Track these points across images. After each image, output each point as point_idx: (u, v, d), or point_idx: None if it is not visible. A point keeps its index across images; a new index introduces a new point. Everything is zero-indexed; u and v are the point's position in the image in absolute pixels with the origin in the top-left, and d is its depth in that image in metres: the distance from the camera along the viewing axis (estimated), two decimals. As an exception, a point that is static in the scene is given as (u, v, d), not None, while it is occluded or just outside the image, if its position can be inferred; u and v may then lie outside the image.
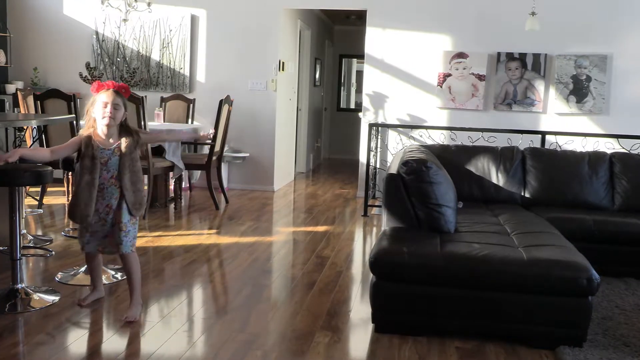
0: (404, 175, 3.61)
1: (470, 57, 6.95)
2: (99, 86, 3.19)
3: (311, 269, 4.36)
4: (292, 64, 8.18)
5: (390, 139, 7.13)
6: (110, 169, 3.22)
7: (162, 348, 2.95)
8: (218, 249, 4.82)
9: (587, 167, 4.88)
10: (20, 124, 3.85)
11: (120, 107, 3.19)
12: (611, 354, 2.98)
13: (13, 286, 3.45)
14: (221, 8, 7.37)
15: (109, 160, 3.21)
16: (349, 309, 3.62)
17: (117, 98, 3.17)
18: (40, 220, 5.54)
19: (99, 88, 3.18)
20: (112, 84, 3.20)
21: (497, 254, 3.16)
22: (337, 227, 5.74)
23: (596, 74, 6.76)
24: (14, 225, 3.43)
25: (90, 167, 3.17)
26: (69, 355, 2.88)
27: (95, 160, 3.17)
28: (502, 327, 3.14)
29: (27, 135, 6.02)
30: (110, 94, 3.15)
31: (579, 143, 6.28)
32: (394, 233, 3.51)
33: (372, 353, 3.05)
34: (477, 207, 4.50)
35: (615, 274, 4.23)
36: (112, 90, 3.17)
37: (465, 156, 4.95)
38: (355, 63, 12.11)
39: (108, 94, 3.15)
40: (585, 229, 4.31)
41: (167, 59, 7.47)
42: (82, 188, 3.18)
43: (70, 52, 7.62)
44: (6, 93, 7.29)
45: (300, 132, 9.22)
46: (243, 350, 2.97)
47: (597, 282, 3.00)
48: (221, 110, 6.15)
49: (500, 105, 6.98)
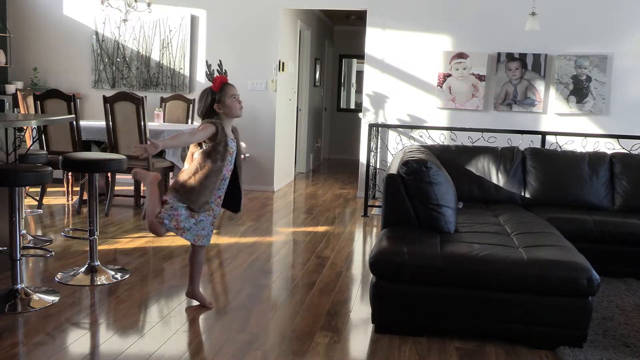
0: (404, 175, 3.61)
1: (470, 57, 6.95)
2: (221, 80, 3.30)
3: (311, 269, 4.36)
4: (292, 64, 8.18)
5: (390, 139, 7.13)
6: (232, 162, 3.31)
7: (162, 348, 2.95)
8: (218, 249, 4.82)
9: (588, 168, 4.87)
10: (20, 124, 3.85)
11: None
12: (611, 355, 2.98)
13: (13, 286, 3.45)
14: (221, 8, 7.37)
15: (234, 152, 3.31)
16: (349, 309, 3.62)
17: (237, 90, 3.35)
18: (40, 220, 5.54)
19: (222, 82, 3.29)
20: (225, 78, 3.33)
21: (497, 254, 3.16)
22: (337, 228, 5.73)
23: (596, 74, 6.76)
24: (13, 226, 3.42)
25: (223, 154, 3.23)
26: (69, 356, 2.88)
27: (228, 148, 3.25)
28: (502, 327, 3.14)
29: (27, 135, 6.02)
30: (234, 87, 3.31)
31: (579, 143, 6.29)
32: (394, 233, 3.51)
33: (372, 353, 3.05)
34: (477, 208, 4.50)
35: (616, 274, 4.23)
36: (230, 84, 3.32)
37: (465, 156, 4.95)
38: (355, 63, 12.11)
39: (233, 87, 3.30)
40: (586, 229, 4.31)
41: (167, 59, 7.47)
42: (209, 173, 3.21)
43: (70, 52, 7.63)
44: (6, 93, 7.30)
45: (300, 132, 9.22)
46: (243, 350, 2.96)
47: (597, 282, 3.00)
48: (221, 110, 6.13)
49: (500, 105, 6.97)
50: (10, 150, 4.02)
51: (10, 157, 4.02)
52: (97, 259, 3.98)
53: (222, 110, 3.26)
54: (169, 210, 3.23)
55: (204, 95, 3.30)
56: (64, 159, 4.04)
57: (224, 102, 3.26)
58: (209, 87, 3.29)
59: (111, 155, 4.65)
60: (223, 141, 3.23)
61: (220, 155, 3.22)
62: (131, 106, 5.54)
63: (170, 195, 3.26)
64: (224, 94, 3.25)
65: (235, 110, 3.28)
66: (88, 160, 4.01)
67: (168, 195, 3.27)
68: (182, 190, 3.24)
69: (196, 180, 3.22)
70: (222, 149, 3.23)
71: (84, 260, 4.10)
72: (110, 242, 4.84)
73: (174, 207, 3.23)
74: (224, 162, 3.25)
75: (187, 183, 3.23)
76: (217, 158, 3.22)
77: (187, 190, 3.23)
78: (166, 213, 3.23)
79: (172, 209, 3.23)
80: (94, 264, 3.95)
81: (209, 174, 3.22)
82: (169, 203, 3.24)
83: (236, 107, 3.28)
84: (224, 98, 3.25)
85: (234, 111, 3.28)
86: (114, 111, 5.63)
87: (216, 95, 3.26)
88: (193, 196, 3.22)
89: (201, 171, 3.22)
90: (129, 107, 5.55)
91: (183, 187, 3.24)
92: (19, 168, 3.46)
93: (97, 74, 7.59)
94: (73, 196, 6.35)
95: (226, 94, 3.26)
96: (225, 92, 3.26)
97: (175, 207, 3.23)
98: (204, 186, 3.22)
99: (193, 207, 3.23)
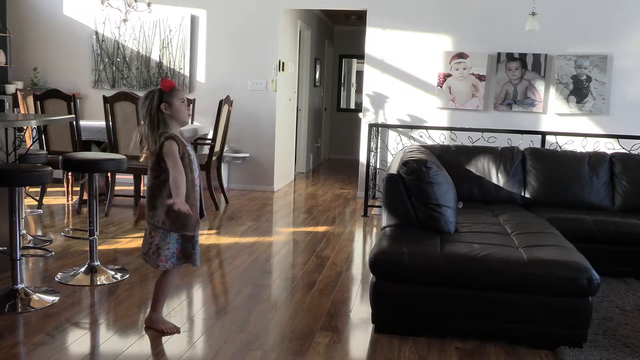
0: (404, 175, 3.61)
1: (470, 57, 6.94)
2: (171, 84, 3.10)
3: (311, 269, 4.36)
4: (292, 64, 8.18)
5: (390, 139, 7.13)
6: (197, 168, 3.16)
7: (162, 348, 2.95)
8: (218, 249, 4.82)
9: (588, 168, 4.87)
10: (20, 124, 3.85)
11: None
12: (611, 355, 2.98)
13: (13, 286, 3.45)
14: (221, 8, 7.37)
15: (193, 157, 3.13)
16: (349, 309, 3.62)
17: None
18: (40, 220, 5.54)
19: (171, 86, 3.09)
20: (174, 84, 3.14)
21: (497, 254, 3.16)
22: (337, 228, 5.73)
23: (596, 74, 6.76)
24: (13, 226, 3.42)
25: (189, 164, 3.04)
26: (69, 356, 2.88)
27: (192, 157, 3.08)
28: (502, 327, 3.14)
29: (27, 135, 6.02)
30: (183, 93, 3.12)
31: (579, 143, 6.28)
32: (394, 233, 3.51)
33: (372, 353, 3.05)
34: (477, 208, 4.50)
35: (616, 274, 4.23)
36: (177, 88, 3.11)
37: (465, 156, 4.95)
38: (355, 63, 12.11)
39: (182, 92, 3.11)
40: (586, 229, 4.31)
41: (167, 59, 7.47)
42: (188, 190, 2.98)
43: (70, 52, 7.62)
44: (6, 93, 7.30)
45: (300, 132, 9.22)
46: (243, 350, 2.96)
47: (597, 282, 3.00)
48: (221, 110, 6.14)
49: (500, 105, 6.97)
50: (10, 150, 4.02)
51: (10, 157, 4.02)
52: (97, 259, 3.98)
53: (169, 112, 3.02)
54: (162, 251, 3.00)
55: (150, 94, 3.05)
56: (64, 159, 4.04)
57: (172, 104, 3.03)
58: (157, 87, 3.09)
59: (111, 155, 4.65)
60: (186, 152, 3.04)
61: (187, 168, 3.02)
62: (131, 106, 5.54)
63: (153, 233, 3.01)
64: (172, 95, 3.04)
65: (182, 115, 3.05)
66: (88, 160, 4.01)
67: (150, 235, 3.02)
68: (168, 220, 2.98)
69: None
70: (188, 160, 3.04)
71: (84, 260, 4.10)
72: (110, 242, 4.84)
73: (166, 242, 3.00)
74: (194, 173, 3.08)
75: (171, 210, 2.93)
76: (187, 172, 3.00)
77: (175, 217, 2.97)
78: (162, 257, 3.01)
79: (166, 248, 3.00)
80: (93, 264, 3.95)
81: (187, 192, 2.96)
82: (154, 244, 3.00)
83: (184, 112, 3.06)
84: (172, 100, 3.03)
85: (181, 115, 3.04)
86: (114, 111, 5.63)
87: (164, 96, 3.04)
88: (184, 219, 2.98)
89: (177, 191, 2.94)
90: (129, 107, 5.55)
91: (168, 217, 2.97)
92: (19, 168, 3.46)
93: (97, 74, 7.59)
94: (73, 196, 6.35)
95: (175, 96, 3.05)
96: (174, 94, 3.05)
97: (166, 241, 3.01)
98: (189, 205, 2.95)
99: (188, 232, 3.01)
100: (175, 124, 3.05)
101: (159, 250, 3.01)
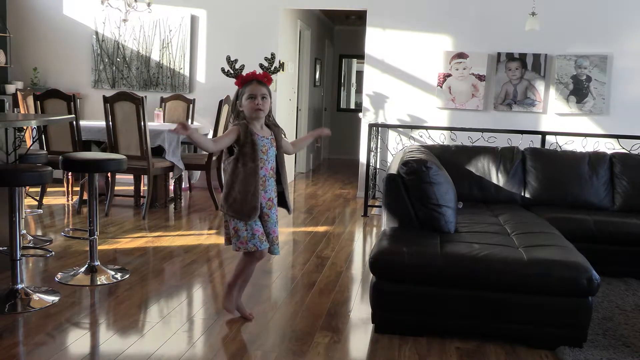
0: (404, 175, 3.61)
1: (470, 57, 6.95)
2: (243, 79, 3.10)
3: (311, 269, 4.36)
4: (292, 64, 8.18)
5: (390, 139, 7.13)
6: (270, 160, 3.12)
7: (162, 348, 2.95)
8: (218, 249, 4.82)
9: (588, 168, 4.87)
10: (20, 124, 3.85)
11: (267, 97, 3.11)
12: (611, 355, 2.98)
13: (13, 286, 3.45)
14: (221, 8, 7.37)
15: (269, 150, 3.11)
16: (349, 309, 3.62)
17: (262, 88, 3.08)
18: (40, 220, 5.54)
19: (245, 80, 3.09)
20: (254, 74, 3.10)
21: (497, 254, 3.16)
22: (337, 228, 5.73)
23: (596, 74, 6.76)
24: (13, 226, 3.42)
25: (252, 155, 3.04)
26: (69, 356, 2.88)
27: (256, 147, 3.05)
28: (502, 327, 3.13)
29: (27, 135, 6.02)
30: (256, 85, 3.06)
31: (579, 143, 6.29)
32: (394, 233, 3.51)
33: (372, 353, 3.05)
34: (477, 208, 4.50)
35: (615, 274, 4.23)
36: (256, 82, 3.08)
37: (465, 156, 4.95)
38: (355, 63, 12.11)
39: (255, 85, 3.06)
40: (586, 229, 4.30)
41: (167, 59, 7.47)
42: (245, 177, 3.04)
43: (70, 52, 7.63)
44: (6, 93, 7.30)
45: (300, 132, 9.21)
46: (243, 350, 2.96)
47: (597, 282, 3.00)
48: (221, 110, 6.14)
49: (500, 105, 6.97)
50: (10, 150, 4.02)
51: (10, 157, 4.02)
52: (97, 259, 3.98)
53: (242, 108, 3.07)
54: (241, 233, 3.11)
55: (236, 91, 3.12)
56: (64, 159, 4.04)
57: (242, 101, 3.07)
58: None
59: (111, 155, 4.65)
60: (249, 141, 3.03)
61: (249, 157, 3.04)
62: (131, 106, 5.53)
63: (226, 217, 3.16)
64: (242, 92, 3.07)
65: (248, 110, 3.05)
66: (88, 160, 4.01)
67: (225, 220, 3.20)
68: (225, 205, 3.09)
69: (235, 190, 3.06)
70: (250, 149, 3.03)
71: (84, 260, 4.10)
72: (110, 242, 4.84)
73: (238, 227, 3.11)
74: (256, 162, 3.04)
75: (228, 196, 3.08)
76: (246, 160, 3.04)
77: (231, 203, 3.07)
78: (241, 239, 3.12)
79: (242, 231, 3.10)
80: (94, 264, 3.95)
81: (244, 179, 3.04)
82: (231, 228, 3.14)
83: (249, 107, 3.04)
84: (241, 96, 3.07)
85: (247, 110, 3.05)
86: (114, 111, 5.63)
87: (239, 92, 3.09)
88: (238, 206, 3.05)
89: (237, 179, 3.06)
90: (129, 107, 5.55)
91: (226, 201, 3.09)
92: (19, 168, 3.46)
93: (97, 74, 7.59)
94: (73, 196, 6.35)
95: (244, 93, 3.06)
96: (243, 91, 3.07)
97: (238, 226, 3.11)
98: (245, 192, 3.04)
99: (241, 218, 3.07)
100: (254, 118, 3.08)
101: (237, 233, 3.12)
